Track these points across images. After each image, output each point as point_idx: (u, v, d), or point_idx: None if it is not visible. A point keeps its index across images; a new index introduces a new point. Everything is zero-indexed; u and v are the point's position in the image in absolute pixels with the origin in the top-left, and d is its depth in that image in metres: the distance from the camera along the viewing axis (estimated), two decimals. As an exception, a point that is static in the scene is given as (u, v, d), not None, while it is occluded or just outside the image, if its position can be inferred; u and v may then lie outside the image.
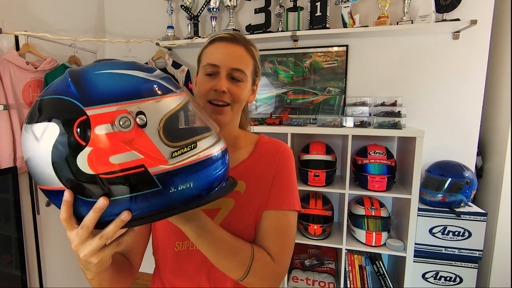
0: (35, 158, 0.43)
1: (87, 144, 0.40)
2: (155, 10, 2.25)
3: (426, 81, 1.87)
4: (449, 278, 1.71)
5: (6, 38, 1.57)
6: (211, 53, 0.70)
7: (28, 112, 0.46)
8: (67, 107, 0.42)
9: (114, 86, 0.44)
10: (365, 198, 1.80)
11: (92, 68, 0.46)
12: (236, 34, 0.72)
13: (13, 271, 1.57)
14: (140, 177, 0.42)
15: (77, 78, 0.44)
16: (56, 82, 0.47)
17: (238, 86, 0.70)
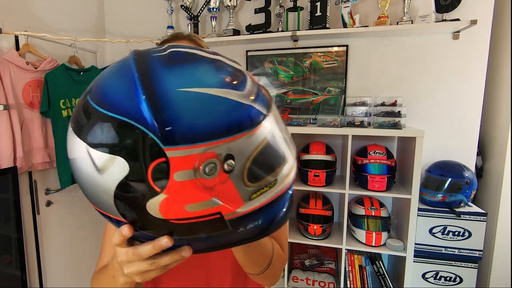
0: (93, 186, 0.36)
1: (162, 191, 0.34)
2: (155, 10, 2.25)
3: (426, 81, 1.87)
4: (449, 278, 1.71)
5: (6, 38, 1.57)
6: None
7: (77, 117, 0.37)
8: (141, 143, 0.32)
9: (202, 118, 0.33)
10: (365, 198, 1.80)
11: (173, 78, 0.34)
12: (176, 32, 0.75)
13: (13, 271, 1.57)
14: (213, 222, 0.36)
15: (155, 99, 0.32)
16: (119, 86, 0.35)
17: None
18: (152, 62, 0.36)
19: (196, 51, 0.39)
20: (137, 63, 0.36)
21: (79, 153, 0.36)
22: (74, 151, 0.37)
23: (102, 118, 0.34)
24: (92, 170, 0.35)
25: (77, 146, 0.36)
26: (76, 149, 0.37)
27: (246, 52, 2.13)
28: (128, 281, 0.47)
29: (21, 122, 1.60)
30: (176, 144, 0.32)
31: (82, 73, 1.83)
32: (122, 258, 0.42)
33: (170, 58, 0.37)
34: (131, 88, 0.34)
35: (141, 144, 0.32)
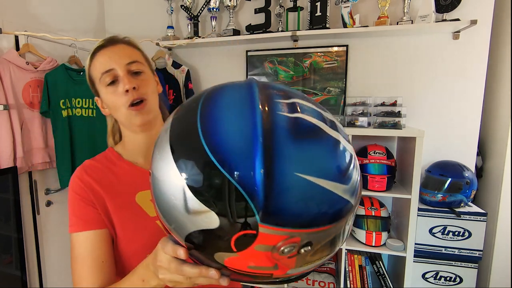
0: (174, 215, 0.37)
1: (237, 252, 0.35)
2: (155, 10, 2.25)
3: (426, 81, 1.87)
4: (449, 278, 1.71)
5: (6, 38, 1.57)
6: (98, 64, 0.68)
7: (182, 142, 0.37)
8: (242, 211, 0.33)
9: (306, 209, 0.33)
10: (365, 198, 1.80)
11: (295, 159, 0.33)
12: (111, 37, 0.72)
13: (13, 271, 1.57)
14: (263, 277, 0.39)
15: (272, 178, 0.32)
16: (240, 142, 0.34)
17: (143, 79, 0.69)
18: (278, 130, 0.34)
19: (321, 125, 0.37)
20: (264, 123, 0.34)
21: (171, 184, 0.36)
22: (166, 174, 0.37)
23: (212, 170, 0.33)
24: (180, 206, 0.36)
25: (172, 175, 0.36)
26: (169, 174, 0.37)
27: (246, 52, 2.13)
28: (159, 284, 0.50)
29: (21, 122, 1.60)
30: (272, 223, 0.33)
31: (82, 73, 1.83)
32: (163, 265, 0.45)
33: (297, 129, 0.35)
34: (252, 153, 0.33)
35: (241, 211, 0.33)
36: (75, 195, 0.66)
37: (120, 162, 0.72)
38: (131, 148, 0.74)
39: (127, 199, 0.68)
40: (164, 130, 0.41)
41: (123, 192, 0.68)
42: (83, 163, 0.71)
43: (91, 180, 0.67)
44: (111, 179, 0.69)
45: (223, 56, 2.20)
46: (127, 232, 0.66)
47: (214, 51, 2.21)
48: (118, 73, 0.66)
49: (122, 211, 0.66)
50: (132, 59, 0.69)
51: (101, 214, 0.65)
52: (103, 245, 0.65)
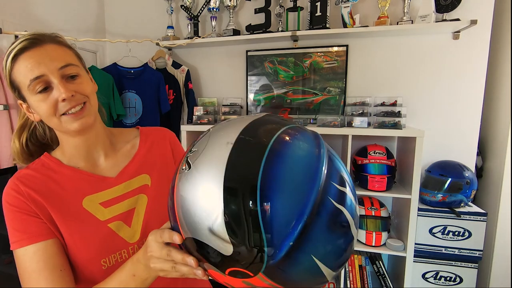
0: (195, 227, 0.41)
1: (226, 275, 0.42)
2: (155, 10, 2.25)
3: (426, 81, 1.87)
4: (449, 278, 1.71)
5: (6, 38, 1.57)
6: (24, 69, 0.57)
7: (236, 192, 0.38)
8: (255, 259, 0.38)
9: (298, 279, 0.41)
10: (365, 198, 1.80)
11: (319, 246, 0.40)
12: (35, 35, 0.59)
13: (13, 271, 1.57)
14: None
15: (296, 250, 0.38)
16: (286, 209, 0.38)
17: (78, 82, 0.61)
18: (322, 217, 0.38)
19: (351, 222, 0.42)
20: (315, 204, 0.37)
21: (210, 200, 0.39)
22: (208, 190, 0.39)
23: (251, 218, 0.37)
24: (207, 222, 0.39)
25: (215, 196, 0.38)
26: (212, 192, 0.39)
27: (246, 52, 2.13)
28: (150, 276, 0.52)
29: (21, 122, 1.60)
30: (270, 277, 0.38)
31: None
32: (155, 253, 0.48)
33: (335, 222, 0.40)
34: (291, 227, 0.37)
35: (253, 259, 0.37)
36: (13, 209, 0.60)
37: (61, 169, 0.66)
38: (71, 152, 0.67)
39: (73, 207, 0.63)
40: (222, 145, 0.42)
41: (68, 199, 0.63)
42: (16, 174, 0.65)
43: (30, 190, 0.61)
44: (53, 188, 0.63)
45: (223, 56, 2.20)
46: (77, 240, 0.62)
47: (214, 51, 2.21)
48: (50, 79, 0.57)
49: (69, 220, 0.62)
50: (65, 62, 0.59)
51: (47, 224, 0.60)
52: (57, 254, 0.60)
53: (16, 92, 0.62)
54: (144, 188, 0.69)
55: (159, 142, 0.75)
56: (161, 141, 0.76)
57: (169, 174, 0.71)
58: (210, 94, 2.26)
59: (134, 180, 0.69)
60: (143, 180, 0.70)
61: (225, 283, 0.43)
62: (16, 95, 0.62)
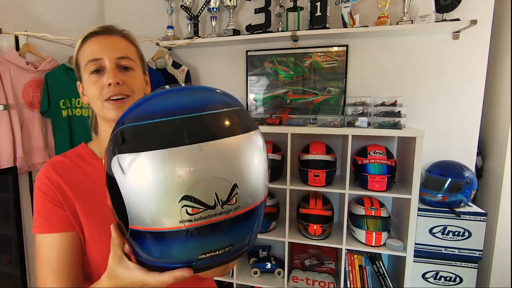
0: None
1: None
2: (155, 10, 2.26)
3: (426, 81, 1.87)
4: (449, 278, 1.71)
5: (6, 38, 1.57)
6: (88, 51, 0.64)
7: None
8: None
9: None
10: (365, 198, 1.80)
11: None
12: (108, 25, 0.67)
13: (13, 271, 1.57)
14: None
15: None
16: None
17: (130, 76, 0.65)
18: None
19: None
20: None
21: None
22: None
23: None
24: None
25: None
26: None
27: (246, 52, 2.13)
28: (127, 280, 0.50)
29: (21, 122, 1.60)
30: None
31: (82, 73, 1.83)
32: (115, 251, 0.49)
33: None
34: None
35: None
36: (41, 194, 0.62)
37: (93, 161, 0.67)
38: (105, 145, 0.68)
39: (98, 202, 0.61)
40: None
41: (94, 193, 0.63)
42: (51, 159, 0.66)
43: (59, 178, 0.62)
44: (81, 179, 0.64)
45: (223, 56, 2.20)
46: (95, 237, 0.62)
47: (214, 51, 2.21)
48: (105, 64, 0.63)
49: (91, 215, 0.62)
50: (124, 54, 0.65)
51: (70, 216, 0.61)
52: (71, 249, 0.61)
53: (77, 71, 0.67)
54: None
55: None
56: None
57: None
58: (210, 94, 2.26)
59: None
60: None
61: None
62: (77, 75, 0.68)
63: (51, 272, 0.59)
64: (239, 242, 0.45)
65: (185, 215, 0.39)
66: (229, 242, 0.43)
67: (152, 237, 0.42)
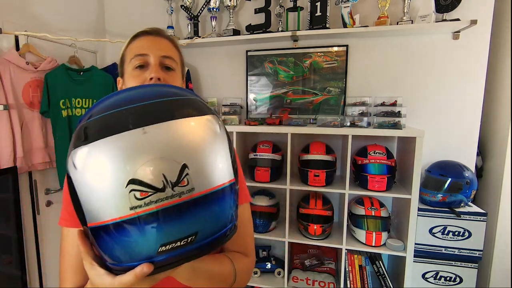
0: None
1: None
2: (155, 10, 2.25)
3: (426, 81, 1.87)
4: (449, 278, 1.71)
5: (6, 38, 1.57)
6: (136, 47, 0.68)
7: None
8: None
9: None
10: (365, 198, 1.80)
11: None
12: (157, 28, 0.71)
13: (13, 271, 1.57)
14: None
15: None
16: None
17: (171, 76, 0.68)
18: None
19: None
20: None
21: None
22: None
23: None
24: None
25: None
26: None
27: (246, 52, 2.13)
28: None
29: (21, 122, 1.60)
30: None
31: (82, 73, 1.83)
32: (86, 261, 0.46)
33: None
34: None
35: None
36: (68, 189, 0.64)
37: None
38: None
39: None
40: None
41: None
42: None
43: None
44: None
45: (223, 56, 2.20)
46: None
47: (214, 51, 2.21)
48: (150, 60, 0.66)
49: None
50: (168, 54, 0.68)
51: None
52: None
53: (120, 66, 0.71)
54: None
55: None
56: None
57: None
58: (210, 94, 2.26)
59: None
60: None
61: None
62: (119, 70, 0.72)
63: (70, 265, 0.63)
64: (203, 230, 0.42)
65: (134, 201, 0.38)
66: (190, 230, 0.40)
67: (108, 232, 0.40)
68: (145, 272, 0.40)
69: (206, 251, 0.43)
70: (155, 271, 0.42)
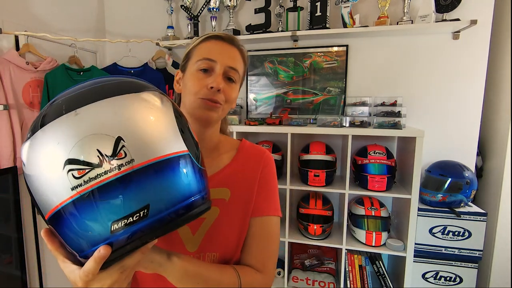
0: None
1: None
2: (155, 10, 2.25)
3: (426, 81, 1.87)
4: (449, 278, 1.71)
5: (6, 38, 1.57)
6: (207, 49, 0.67)
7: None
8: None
9: None
10: (365, 198, 1.80)
11: None
12: (232, 36, 0.71)
13: (13, 271, 1.57)
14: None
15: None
16: None
17: (231, 87, 0.68)
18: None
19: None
20: None
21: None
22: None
23: None
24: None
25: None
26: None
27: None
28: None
29: (21, 122, 1.60)
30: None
31: (82, 73, 1.83)
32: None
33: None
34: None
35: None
36: None
37: None
38: None
39: None
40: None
41: None
42: None
43: None
44: None
45: (223, 56, 2.20)
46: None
47: (214, 51, 2.20)
48: (216, 67, 0.65)
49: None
50: (235, 66, 0.67)
51: None
52: None
53: (183, 61, 0.71)
54: (221, 201, 0.68)
55: (251, 161, 0.74)
56: (254, 159, 0.74)
57: (246, 196, 0.70)
58: (210, 94, 2.26)
59: (214, 191, 0.67)
60: (222, 193, 0.69)
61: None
62: (180, 65, 0.72)
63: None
64: (155, 202, 0.40)
65: (73, 180, 0.38)
66: (139, 203, 0.39)
67: (62, 220, 0.40)
68: (103, 255, 0.39)
69: (169, 226, 0.42)
70: (116, 254, 0.40)
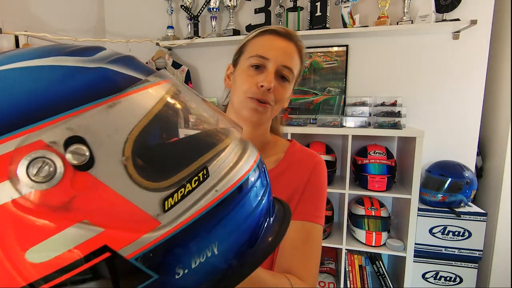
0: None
1: None
2: (155, 10, 2.25)
3: (426, 81, 1.87)
4: (449, 278, 1.71)
5: (6, 38, 1.57)
6: (260, 45, 0.63)
7: None
8: None
9: (17, 93, 0.22)
10: (365, 198, 1.80)
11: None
12: (290, 30, 0.66)
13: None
14: (109, 269, 0.22)
15: None
16: None
17: (283, 87, 0.64)
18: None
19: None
20: None
21: None
22: None
23: None
24: None
25: None
26: None
27: (246, 52, 2.12)
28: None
29: (21, 122, 1.60)
30: None
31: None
32: None
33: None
34: None
35: None
36: None
37: None
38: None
39: None
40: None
41: None
42: None
43: None
44: None
45: (223, 56, 2.20)
46: None
47: (214, 51, 2.21)
48: (268, 65, 0.61)
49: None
50: (289, 65, 0.64)
51: None
52: None
53: (235, 55, 0.69)
54: None
55: (300, 165, 0.69)
56: (303, 164, 0.69)
57: (292, 198, 0.66)
58: (210, 94, 2.26)
59: None
60: None
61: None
62: (233, 59, 0.70)
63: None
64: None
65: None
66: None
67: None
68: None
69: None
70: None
